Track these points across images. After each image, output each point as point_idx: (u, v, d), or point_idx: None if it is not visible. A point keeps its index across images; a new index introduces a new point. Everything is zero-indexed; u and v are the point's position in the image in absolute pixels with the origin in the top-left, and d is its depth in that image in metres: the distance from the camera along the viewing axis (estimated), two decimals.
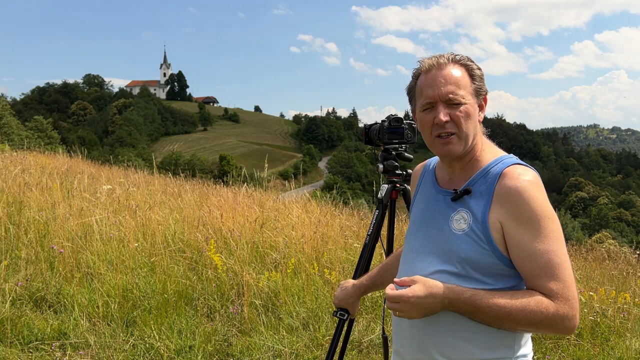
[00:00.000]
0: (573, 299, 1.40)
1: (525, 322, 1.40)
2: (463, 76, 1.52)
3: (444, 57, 1.54)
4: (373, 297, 4.62)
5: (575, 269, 6.12)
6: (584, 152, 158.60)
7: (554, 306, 1.39)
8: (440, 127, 1.51)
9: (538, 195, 1.44)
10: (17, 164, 8.99)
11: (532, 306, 1.39)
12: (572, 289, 1.41)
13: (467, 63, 1.55)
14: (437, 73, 1.52)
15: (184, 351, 3.69)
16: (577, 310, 1.40)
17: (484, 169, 1.54)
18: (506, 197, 1.45)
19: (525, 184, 1.44)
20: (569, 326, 1.40)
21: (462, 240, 1.49)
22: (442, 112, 1.50)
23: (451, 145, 1.52)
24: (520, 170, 1.48)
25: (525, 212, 1.43)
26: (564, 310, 1.39)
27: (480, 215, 1.48)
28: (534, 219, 1.42)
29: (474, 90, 1.53)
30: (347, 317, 2.09)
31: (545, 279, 1.41)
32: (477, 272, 1.48)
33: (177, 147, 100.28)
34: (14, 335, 3.70)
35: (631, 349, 4.08)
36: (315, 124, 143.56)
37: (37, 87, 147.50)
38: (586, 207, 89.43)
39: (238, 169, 12.97)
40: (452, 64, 1.53)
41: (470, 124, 1.52)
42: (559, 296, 1.40)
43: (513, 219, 1.44)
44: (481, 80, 1.56)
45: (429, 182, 1.71)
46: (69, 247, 4.82)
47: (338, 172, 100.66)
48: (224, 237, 5.45)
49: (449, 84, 1.50)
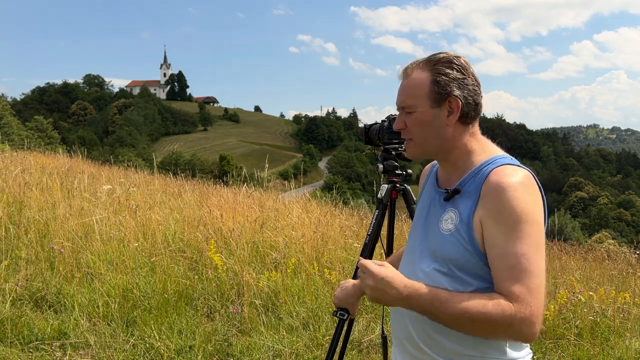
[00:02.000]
0: (535, 306, 1.35)
1: (481, 321, 1.36)
2: (422, 83, 1.54)
3: (413, 64, 1.59)
4: None
5: (575, 269, 6.13)
6: (583, 152, 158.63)
7: (513, 308, 1.35)
8: (401, 132, 1.63)
9: (521, 197, 1.40)
10: (17, 164, 8.99)
11: (490, 306, 1.35)
12: (536, 296, 1.36)
13: (437, 67, 1.54)
14: (402, 82, 1.61)
15: (184, 351, 3.69)
16: (537, 318, 1.36)
17: (475, 169, 1.53)
18: (488, 196, 1.44)
19: (509, 183, 1.42)
20: (526, 332, 1.36)
21: (447, 241, 1.49)
22: (398, 119, 1.61)
23: (408, 149, 1.64)
24: (509, 171, 1.46)
25: (503, 211, 1.40)
26: (522, 314, 1.34)
27: (466, 216, 1.47)
28: (510, 220, 1.39)
29: (434, 96, 1.53)
30: (347, 317, 2.10)
31: (510, 281, 1.37)
32: (461, 271, 1.48)
33: (177, 147, 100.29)
34: (14, 335, 3.70)
35: (631, 349, 4.08)
36: (315, 124, 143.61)
37: (38, 87, 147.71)
38: (586, 207, 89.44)
39: (238, 169, 12.98)
40: (419, 70, 1.56)
41: (425, 131, 1.56)
42: (520, 300, 1.35)
43: (490, 216, 1.42)
44: (448, 84, 1.53)
45: (431, 182, 1.73)
46: (69, 247, 4.82)
47: (338, 172, 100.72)
48: (224, 237, 5.45)
49: (402, 93, 1.59)
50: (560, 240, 8.66)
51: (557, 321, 4.36)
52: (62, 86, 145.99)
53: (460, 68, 1.54)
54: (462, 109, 1.54)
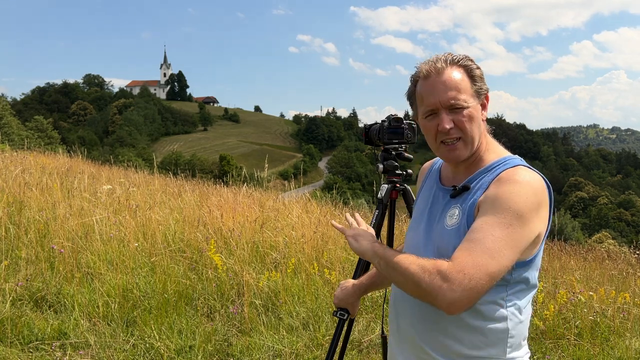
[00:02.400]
0: (467, 276, 1.27)
1: (404, 273, 1.38)
2: (463, 78, 1.50)
3: (441, 61, 1.51)
4: (373, 297, 4.62)
5: (575, 269, 6.13)
6: (583, 152, 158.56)
7: (442, 265, 1.31)
8: (444, 134, 1.51)
9: (524, 194, 1.39)
10: (17, 164, 8.99)
11: (418, 261, 1.37)
12: (477, 271, 1.28)
13: (466, 63, 1.52)
14: (436, 79, 1.50)
15: (184, 351, 3.69)
16: (462, 288, 1.27)
17: (486, 168, 1.53)
18: (493, 185, 1.44)
19: (518, 179, 1.41)
20: (440, 288, 1.29)
21: (452, 236, 1.49)
22: (445, 119, 1.49)
23: (457, 150, 1.52)
24: (522, 171, 1.46)
25: (501, 199, 1.38)
26: (448, 271, 1.29)
27: (468, 210, 1.47)
28: (502, 207, 1.37)
29: (475, 92, 1.52)
30: (347, 317, 2.10)
31: (462, 249, 1.34)
32: None
33: (177, 147, 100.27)
34: (14, 335, 3.70)
35: (631, 349, 4.08)
36: (315, 124, 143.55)
37: (37, 87, 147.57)
38: (586, 207, 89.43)
39: (238, 169, 12.98)
40: (450, 67, 1.51)
41: (474, 127, 1.51)
42: (456, 261, 1.31)
43: (487, 202, 1.41)
44: (481, 80, 1.54)
45: (433, 180, 1.72)
46: (69, 247, 4.82)
47: (338, 172, 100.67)
48: (224, 237, 5.45)
49: (450, 89, 1.48)
50: (560, 240, 8.66)
51: (557, 321, 4.36)
52: (62, 86, 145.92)
53: (479, 66, 1.56)
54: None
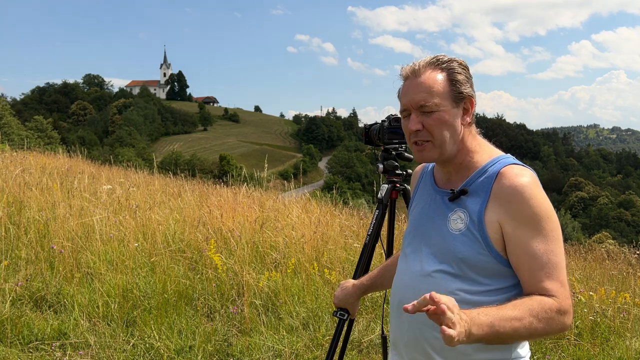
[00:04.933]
0: (568, 296, 1.44)
1: (538, 322, 1.36)
2: (440, 82, 1.51)
3: (422, 63, 1.53)
4: (373, 297, 4.62)
5: (575, 269, 6.12)
6: (584, 152, 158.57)
7: (555, 304, 1.40)
8: (414, 134, 1.54)
9: (537, 194, 1.45)
10: (17, 164, 8.98)
11: (537, 308, 1.37)
12: (567, 287, 1.45)
13: (450, 67, 1.53)
14: (412, 81, 1.53)
15: (184, 351, 3.69)
16: (571, 306, 1.44)
17: (480, 169, 1.54)
18: (505, 197, 1.46)
19: (524, 183, 1.45)
20: (567, 323, 1.42)
21: (458, 240, 1.49)
22: (414, 120, 1.52)
23: (425, 152, 1.55)
24: (518, 170, 1.49)
25: (525, 212, 1.43)
26: (562, 308, 1.40)
27: (477, 215, 1.48)
28: (533, 219, 1.43)
29: (453, 95, 1.52)
30: (347, 317, 2.10)
31: (545, 280, 1.42)
32: (473, 271, 1.48)
33: (177, 147, 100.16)
34: (14, 335, 3.70)
35: (631, 349, 4.08)
36: (315, 124, 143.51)
37: (37, 87, 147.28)
38: (586, 207, 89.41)
39: (238, 169, 12.98)
40: (431, 69, 1.52)
41: (444, 131, 1.51)
42: (558, 294, 1.41)
43: (513, 218, 1.44)
44: (464, 84, 1.54)
45: (427, 183, 1.72)
46: (69, 247, 4.82)
47: (338, 172, 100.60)
48: (224, 237, 5.45)
49: (421, 91, 1.50)
50: None
51: None
52: (62, 86, 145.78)
53: (466, 70, 1.57)
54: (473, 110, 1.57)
